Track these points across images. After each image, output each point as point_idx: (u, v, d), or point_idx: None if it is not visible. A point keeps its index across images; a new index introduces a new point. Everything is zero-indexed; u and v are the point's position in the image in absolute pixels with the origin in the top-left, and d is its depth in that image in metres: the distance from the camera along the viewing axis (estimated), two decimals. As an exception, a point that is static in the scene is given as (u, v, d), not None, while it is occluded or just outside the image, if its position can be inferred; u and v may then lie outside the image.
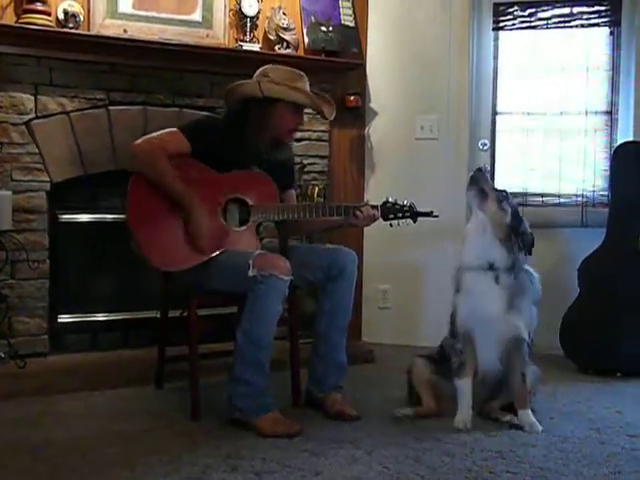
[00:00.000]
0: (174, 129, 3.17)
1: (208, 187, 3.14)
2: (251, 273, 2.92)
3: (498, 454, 2.73)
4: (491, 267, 2.99)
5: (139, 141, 3.14)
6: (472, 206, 3.10)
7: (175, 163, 3.08)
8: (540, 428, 2.98)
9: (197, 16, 4.07)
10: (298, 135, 4.26)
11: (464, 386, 3.07)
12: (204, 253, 3.08)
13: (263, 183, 3.24)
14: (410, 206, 3.22)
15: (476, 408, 3.12)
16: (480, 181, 3.07)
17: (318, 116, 4.36)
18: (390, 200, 3.23)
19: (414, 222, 3.22)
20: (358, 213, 3.19)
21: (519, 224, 3.03)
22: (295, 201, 3.53)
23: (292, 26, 4.28)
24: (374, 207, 3.23)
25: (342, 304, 3.22)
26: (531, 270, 3.10)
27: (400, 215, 3.21)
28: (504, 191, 3.10)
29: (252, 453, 2.70)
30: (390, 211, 3.22)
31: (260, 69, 3.25)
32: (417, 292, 4.64)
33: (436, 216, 3.21)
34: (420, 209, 3.22)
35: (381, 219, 3.23)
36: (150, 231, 3.08)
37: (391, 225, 3.22)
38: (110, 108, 3.89)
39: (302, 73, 3.27)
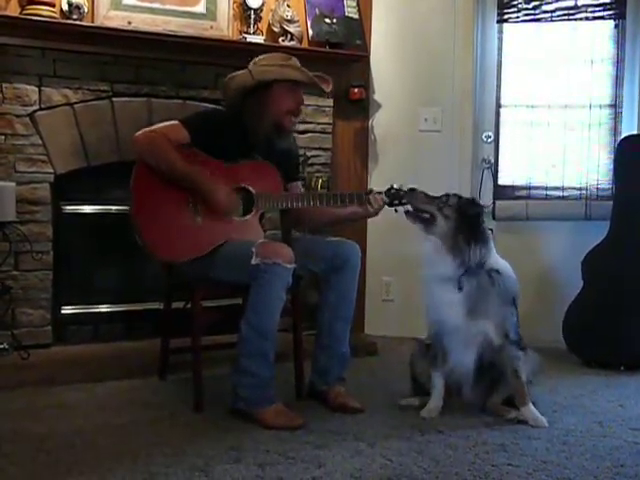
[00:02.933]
0: (174, 121, 3.15)
1: (211, 177, 3.12)
2: (254, 261, 2.90)
3: (501, 447, 2.71)
4: (448, 278, 2.98)
5: (139, 133, 3.12)
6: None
7: (179, 154, 3.07)
8: (545, 422, 2.96)
9: (201, 8, 4.06)
10: (301, 127, 4.26)
11: (436, 378, 3.10)
12: (230, 216, 3.10)
13: (267, 172, 3.23)
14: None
15: (478, 404, 3.14)
16: (413, 202, 3.08)
17: (321, 108, 4.41)
18: (395, 186, 3.22)
19: None
20: (371, 198, 3.18)
21: (465, 221, 2.97)
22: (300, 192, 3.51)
23: (296, 18, 4.27)
24: (378, 193, 3.22)
25: (346, 296, 3.21)
26: (502, 269, 3.01)
27: (405, 201, 3.20)
28: (442, 196, 3.05)
29: (255, 445, 2.69)
30: (395, 197, 3.20)
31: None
32: (420, 284, 4.61)
33: None
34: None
35: (386, 205, 3.22)
36: (154, 222, 3.06)
37: (396, 211, 3.20)
38: (114, 100, 3.89)
39: (291, 56, 3.26)
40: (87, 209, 4.01)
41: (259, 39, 4.15)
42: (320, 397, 3.24)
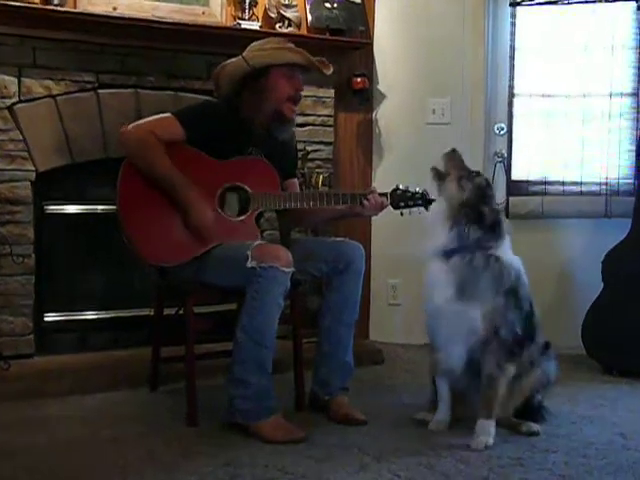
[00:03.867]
0: (167, 114, 3.16)
1: (204, 175, 3.12)
2: (250, 265, 2.90)
3: (516, 461, 2.72)
4: (442, 252, 2.95)
5: (128, 127, 3.13)
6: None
7: (169, 150, 3.07)
8: (483, 446, 2.84)
9: (192, -8, 4.07)
10: (300, 120, 4.26)
11: (440, 385, 3.09)
12: (207, 244, 3.07)
13: (264, 170, 3.23)
14: (422, 193, 3.21)
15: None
16: (443, 160, 3.07)
17: (322, 99, 4.41)
18: (401, 187, 3.23)
19: (427, 210, 3.21)
20: (365, 202, 3.18)
21: (478, 201, 2.96)
22: (298, 190, 3.51)
23: (294, 3, 4.27)
24: (383, 194, 3.22)
25: (349, 300, 3.22)
26: (505, 258, 2.97)
27: (411, 203, 3.21)
28: (474, 171, 3.06)
29: (253, 460, 2.69)
30: (401, 199, 3.22)
31: None
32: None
33: None
34: (433, 196, 3.21)
35: (391, 207, 3.22)
36: (143, 223, 3.07)
37: (402, 214, 3.22)
38: (99, 91, 3.88)
39: (286, 39, 3.28)
40: (71, 209, 4.01)
41: (255, 25, 4.15)
42: (322, 408, 3.24)
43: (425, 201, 3.21)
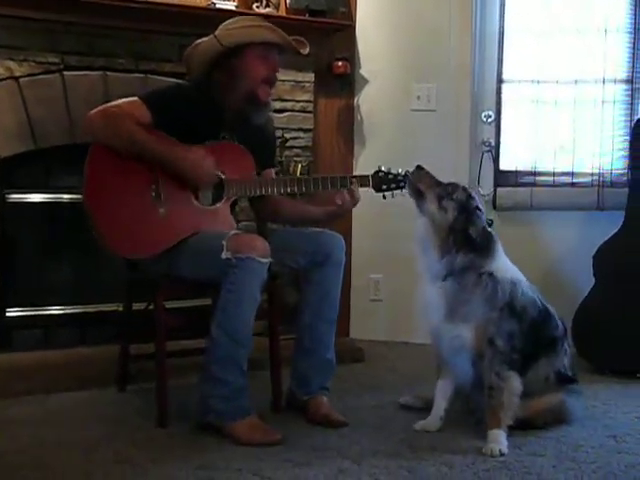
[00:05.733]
0: (133, 98, 3.13)
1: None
2: (224, 255, 2.90)
3: (502, 464, 2.72)
4: (435, 277, 3.00)
5: (93, 111, 3.10)
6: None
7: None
8: (499, 453, 2.82)
9: (164, -31, 4.04)
10: (278, 106, 4.26)
11: (436, 389, 3.13)
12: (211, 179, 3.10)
13: (239, 155, 3.22)
14: (405, 175, 3.22)
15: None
16: (415, 181, 3.07)
17: (301, 84, 4.41)
18: (383, 169, 3.24)
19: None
20: (354, 187, 3.18)
21: (464, 222, 2.97)
22: (274, 180, 3.51)
23: (272, -19, 4.26)
24: (364, 177, 3.23)
25: (329, 294, 3.22)
26: (500, 274, 2.97)
27: (394, 186, 3.22)
28: (449, 185, 3.05)
29: (226, 463, 2.69)
30: (383, 181, 3.23)
31: None
32: (413, 282, 4.61)
33: None
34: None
35: (373, 190, 3.23)
36: (111, 212, 3.05)
37: (384, 197, 3.23)
38: (65, 73, 3.86)
39: (261, 17, 3.28)
40: (35, 198, 3.99)
41: (230, 5, 4.13)
42: (300, 409, 3.24)
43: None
